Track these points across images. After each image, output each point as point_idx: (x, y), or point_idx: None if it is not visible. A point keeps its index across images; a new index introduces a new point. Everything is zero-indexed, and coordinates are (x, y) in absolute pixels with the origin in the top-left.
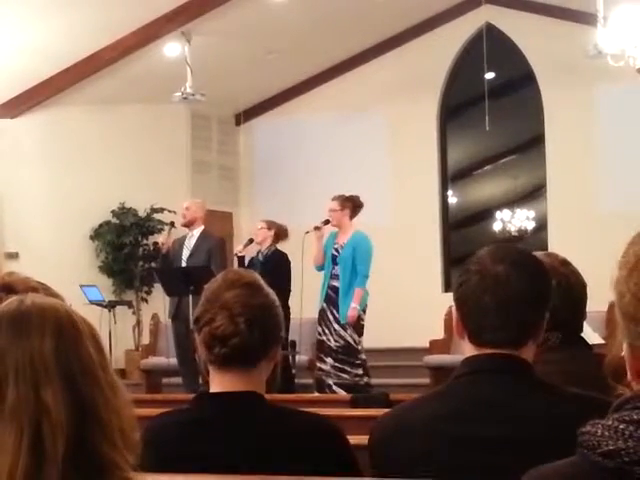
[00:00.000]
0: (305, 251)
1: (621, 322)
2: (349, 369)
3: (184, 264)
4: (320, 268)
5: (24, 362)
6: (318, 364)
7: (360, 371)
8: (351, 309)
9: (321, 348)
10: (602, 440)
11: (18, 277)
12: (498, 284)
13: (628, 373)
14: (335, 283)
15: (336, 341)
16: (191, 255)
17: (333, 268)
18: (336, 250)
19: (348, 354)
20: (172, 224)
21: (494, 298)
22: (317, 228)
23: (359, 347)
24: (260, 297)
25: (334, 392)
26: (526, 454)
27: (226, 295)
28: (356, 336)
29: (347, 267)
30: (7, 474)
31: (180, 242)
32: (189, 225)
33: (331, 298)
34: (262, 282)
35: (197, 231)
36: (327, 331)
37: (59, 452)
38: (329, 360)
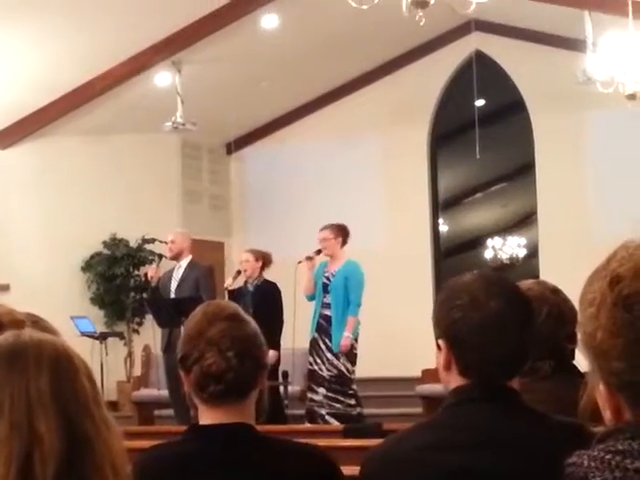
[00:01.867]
0: (297, 281)
1: (593, 363)
2: (342, 399)
3: (172, 295)
4: (311, 298)
5: (20, 394)
6: (309, 394)
7: (353, 401)
8: (344, 338)
9: (312, 378)
10: (589, 471)
11: (4, 309)
12: (499, 322)
13: (606, 413)
14: (327, 312)
15: (329, 370)
16: (179, 286)
17: (324, 297)
18: (327, 279)
19: (341, 384)
20: (160, 257)
21: (496, 337)
22: (309, 258)
23: (352, 377)
24: (245, 328)
25: (327, 422)
26: None
27: (211, 330)
28: (349, 365)
29: (339, 296)
30: None
31: (169, 274)
32: (176, 258)
33: (323, 327)
34: (242, 312)
35: (185, 262)
36: (319, 360)
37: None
38: (321, 390)
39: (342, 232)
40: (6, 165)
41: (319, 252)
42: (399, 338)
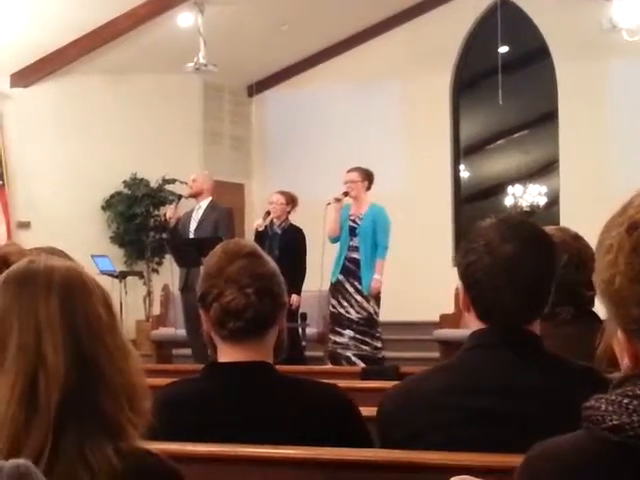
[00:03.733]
0: (325, 223)
1: (611, 310)
2: (369, 341)
3: (191, 235)
4: (334, 240)
5: (28, 317)
6: (332, 337)
7: (379, 344)
8: (375, 280)
9: (337, 321)
10: (607, 415)
11: (15, 248)
12: (511, 265)
13: (624, 360)
14: (354, 255)
15: (358, 313)
16: (198, 226)
17: (351, 240)
18: (353, 221)
19: (370, 326)
20: (179, 197)
21: (507, 280)
22: (337, 200)
23: (378, 320)
24: (264, 265)
25: (353, 363)
26: (535, 428)
27: (230, 268)
28: (377, 307)
29: (368, 239)
30: None
31: (189, 215)
32: (196, 196)
33: (350, 270)
34: (261, 250)
35: (204, 202)
36: (346, 303)
37: (52, 402)
38: (348, 332)
39: (369, 177)
40: (28, 103)
41: (346, 194)
42: (418, 283)
